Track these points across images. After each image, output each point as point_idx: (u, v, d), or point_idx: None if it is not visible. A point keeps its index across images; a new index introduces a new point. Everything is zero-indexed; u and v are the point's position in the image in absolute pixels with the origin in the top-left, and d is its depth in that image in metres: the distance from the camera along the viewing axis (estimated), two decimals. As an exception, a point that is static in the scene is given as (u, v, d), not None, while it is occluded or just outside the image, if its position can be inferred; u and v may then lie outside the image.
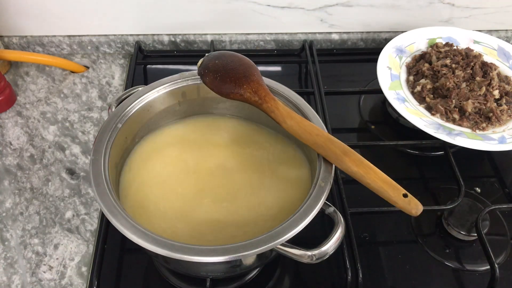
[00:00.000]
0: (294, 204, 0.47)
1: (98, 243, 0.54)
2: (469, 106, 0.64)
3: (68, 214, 0.59)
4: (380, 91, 0.66)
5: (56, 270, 0.54)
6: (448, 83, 0.66)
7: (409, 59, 0.74)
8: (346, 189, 0.58)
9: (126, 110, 0.50)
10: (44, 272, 0.54)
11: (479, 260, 0.55)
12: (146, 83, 0.70)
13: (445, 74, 0.68)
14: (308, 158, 0.52)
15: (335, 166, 0.45)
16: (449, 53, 0.71)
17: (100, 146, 0.46)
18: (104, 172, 0.44)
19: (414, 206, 0.41)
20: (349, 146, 0.44)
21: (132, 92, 0.52)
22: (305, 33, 0.83)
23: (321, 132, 0.46)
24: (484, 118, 0.64)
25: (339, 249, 0.49)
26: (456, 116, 0.64)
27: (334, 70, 0.82)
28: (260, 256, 0.43)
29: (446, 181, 0.63)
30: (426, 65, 0.70)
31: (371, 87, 0.76)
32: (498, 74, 0.70)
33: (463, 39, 0.76)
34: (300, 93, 0.53)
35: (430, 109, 0.66)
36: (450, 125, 0.64)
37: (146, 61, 0.81)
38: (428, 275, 0.54)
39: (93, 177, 0.43)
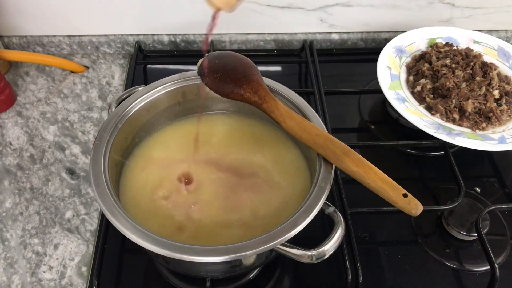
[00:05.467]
0: (294, 204, 0.47)
1: (98, 243, 0.54)
2: (469, 106, 0.64)
3: (68, 214, 0.59)
4: (380, 91, 0.66)
5: (56, 270, 0.54)
6: (448, 83, 0.66)
7: (409, 59, 0.74)
8: (346, 189, 0.58)
9: (126, 110, 0.50)
10: (44, 272, 0.54)
11: (479, 260, 0.55)
12: (146, 83, 0.71)
13: (445, 74, 0.68)
14: (308, 158, 0.52)
15: (335, 166, 0.45)
16: (449, 53, 0.71)
17: (100, 146, 0.46)
18: (104, 172, 0.44)
19: (414, 206, 0.41)
20: (349, 146, 0.44)
21: (132, 92, 0.52)
22: (305, 33, 0.83)
23: (321, 132, 0.46)
24: (484, 118, 0.64)
25: (339, 249, 0.49)
26: (456, 116, 0.64)
27: (334, 70, 0.82)
28: (260, 256, 0.43)
29: (446, 181, 0.63)
30: (426, 65, 0.70)
31: (371, 87, 0.76)
32: (498, 74, 0.70)
33: (463, 39, 0.76)
34: (300, 93, 0.53)
35: (430, 109, 0.66)
36: (450, 125, 0.64)
37: (146, 61, 0.81)
38: (428, 275, 0.54)
39: (93, 177, 0.43)
